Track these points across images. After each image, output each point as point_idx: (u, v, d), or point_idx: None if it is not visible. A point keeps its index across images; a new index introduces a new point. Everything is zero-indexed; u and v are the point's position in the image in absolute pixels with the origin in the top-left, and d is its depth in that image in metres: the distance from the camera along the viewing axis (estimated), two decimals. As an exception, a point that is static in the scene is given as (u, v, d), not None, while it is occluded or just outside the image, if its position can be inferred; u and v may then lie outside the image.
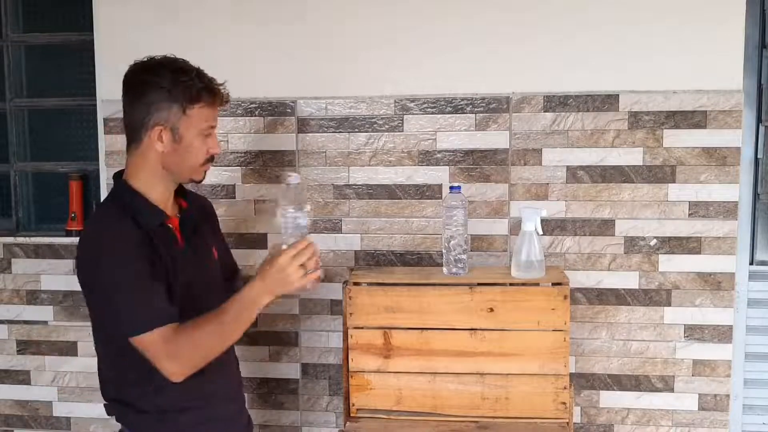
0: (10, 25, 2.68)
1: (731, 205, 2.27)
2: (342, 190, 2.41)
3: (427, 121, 2.35)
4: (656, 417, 2.35)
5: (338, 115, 2.39)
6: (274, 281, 1.61)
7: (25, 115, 2.73)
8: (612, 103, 2.28)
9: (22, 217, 2.73)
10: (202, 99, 1.68)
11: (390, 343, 2.08)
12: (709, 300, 2.30)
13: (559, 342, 2.03)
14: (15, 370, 2.65)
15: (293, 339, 2.48)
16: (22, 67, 2.72)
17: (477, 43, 2.30)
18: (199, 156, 1.71)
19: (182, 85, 1.67)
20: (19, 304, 2.62)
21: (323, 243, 2.42)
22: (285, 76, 2.39)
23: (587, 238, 2.33)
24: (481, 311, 2.05)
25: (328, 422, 2.49)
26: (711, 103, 2.24)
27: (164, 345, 1.60)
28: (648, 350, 2.33)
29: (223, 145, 2.42)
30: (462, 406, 2.07)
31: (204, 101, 1.68)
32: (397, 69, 2.35)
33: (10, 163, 2.72)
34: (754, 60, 2.33)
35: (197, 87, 1.68)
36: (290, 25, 2.37)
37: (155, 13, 2.41)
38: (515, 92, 2.31)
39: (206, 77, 1.71)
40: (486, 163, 2.34)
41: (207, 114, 1.70)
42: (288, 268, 1.60)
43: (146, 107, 1.66)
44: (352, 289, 2.10)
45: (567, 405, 2.04)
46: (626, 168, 2.29)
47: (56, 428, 2.64)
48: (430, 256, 2.39)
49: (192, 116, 1.68)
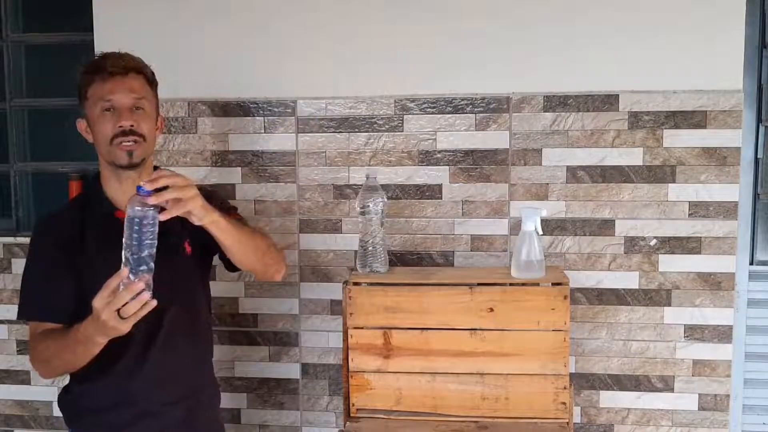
0: (10, 25, 2.68)
1: (731, 205, 2.27)
2: (342, 190, 2.41)
3: (427, 121, 2.35)
4: (656, 417, 2.35)
5: (338, 115, 2.39)
6: (96, 326, 1.45)
7: (25, 115, 2.73)
8: (612, 103, 2.28)
9: (22, 217, 2.73)
10: (92, 77, 1.68)
11: (390, 343, 2.09)
12: (709, 300, 2.30)
13: (559, 342, 2.03)
14: (15, 370, 2.65)
15: (293, 339, 2.48)
16: (22, 67, 2.71)
17: (477, 43, 2.30)
18: (104, 133, 1.67)
19: (85, 67, 1.71)
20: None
21: (323, 243, 2.42)
22: (285, 76, 2.39)
23: (587, 238, 2.33)
24: (481, 311, 2.05)
25: (328, 422, 2.49)
26: (711, 103, 2.24)
27: (31, 339, 1.69)
28: (648, 350, 2.33)
29: (223, 145, 2.42)
30: (462, 406, 2.07)
31: (95, 78, 1.67)
32: (397, 69, 2.35)
33: (10, 163, 2.72)
34: (754, 60, 2.33)
35: (87, 69, 1.70)
36: (290, 25, 2.37)
37: (155, 13, 2.41)
38: (515, 92, 2.31)
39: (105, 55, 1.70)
40: (486, 163, 2.34)
41: (101, 89, 1.67)
42: (102, 314, 1.41)
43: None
44: (352, 289, 2.10)
45: (567, 405, 2.04)
46: (626, 168, 2.29)
47: (56, 428, 2.64)
48: (430, 256, 2.39)
49: (89, 97, 1.69)
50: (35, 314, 1.70)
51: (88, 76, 1.70)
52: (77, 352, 1.56)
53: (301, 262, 2.43)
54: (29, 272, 1.74)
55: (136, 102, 1.69)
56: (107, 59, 1.69)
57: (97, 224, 1.71)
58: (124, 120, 1.66)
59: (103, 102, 1.67)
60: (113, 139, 1.67)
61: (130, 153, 1.68)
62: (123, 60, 1.70)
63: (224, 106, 2.42)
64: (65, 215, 1.77)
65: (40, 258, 1.73)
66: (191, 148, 2.44)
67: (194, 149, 2.44)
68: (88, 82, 1.69)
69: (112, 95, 1.67)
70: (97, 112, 1.68)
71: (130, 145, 1.67)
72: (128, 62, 1.71)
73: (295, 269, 2.44)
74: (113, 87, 1.67)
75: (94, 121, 1.69)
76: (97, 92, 1.68)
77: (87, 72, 1.71)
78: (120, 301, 1.40)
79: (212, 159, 2.44)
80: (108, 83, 1.67)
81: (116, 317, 1.41)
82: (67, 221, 1.73)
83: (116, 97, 1.67)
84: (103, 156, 1.73)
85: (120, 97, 1.67)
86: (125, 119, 1.66)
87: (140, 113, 1.70)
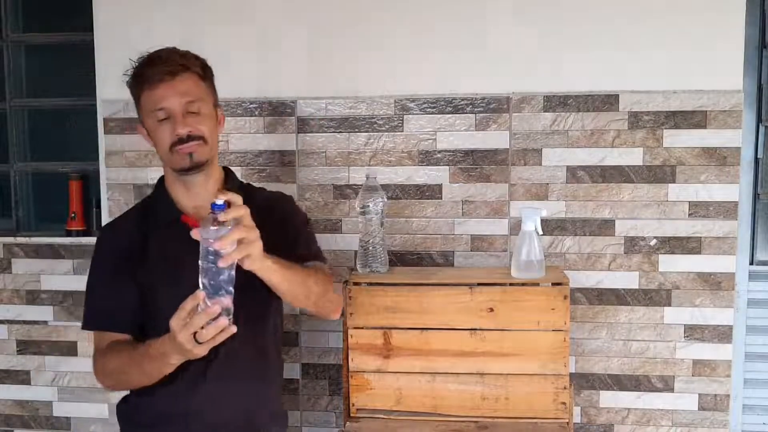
0: (10, 25, 2.68)
1: (731, 205, 2.27)
2: (342, 190, 2.41)
3: (427, 121, 2.35)
4: (656, 417, 2.35)
5: (338, 115, 2.39)
6: (172, 346, 1.40)
7: (25, 115, 2.73)
8: (612, 103, 2.28)
9: (22, 217, 2.73)
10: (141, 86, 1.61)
11: (390, 343, 2.08)
12: (709, 300, 2.30)
13: (559, 342, 2.03)
14: (15, 370, 2.65)
15: (293, 339, 2.48)
16: (22, 67, 2.72)
17: (477, 43, 2.30)
18: (163, 142, 1.61)
19: (132, 75, 1.63)
20: (19, 304, 2.62)
21: (323, 243, 2.42)
22: (285, 76, 2.39)
23: (587, 238, 2.33)
24: (481, 311, 2.05)
25: (328, 422, 2.49)
26: (711, 103, 2.24)
27: (96, 351, 1.64)
28: (648, 350, 2.33)
29: (224, 146, 2.42)
30: (462, 406, 2.07)
31: (144, 87, 1.61)
32: (397, 69, 2.35)
33: (10, 163, 2.72)
34: (754, 60, 2.33)
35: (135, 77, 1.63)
36: (290, 25, 2.37)
37: (155, 13, 2.41)
38: (515, 92, 2.31)
39: (150, 59, 1.61)
40: (486, 163, 2.34)
41: (151, 98, 1.60)
42: (179, 335, 1.36)
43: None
44: (352, 289, 2.10)
45: (567, 405, 2.04)
46: (626, 168, 2.29)
47: (56, 428, 2.64)
48: (430, 256, 2.39)
49: (143, 106, 1.63)
50: (101, 324, 1.65)
51: (137, 84, 1.63)
52: (148, 369, 1.51)
53: (301, 262, 2.43)
54: (92, 282, 1.69)
55: (188, 106, 1.61)
56: (153, 65, 1.61)
57: (163, 229, 1.66)
58: (179, 128, 1.59)
59: (157, 112, 1.61)
60: (172, 146, 1.61)
61: (191, 154, 1.61)
62: (170, 62, 1.61)
63: (224, 106, 2.41)
64: (128, 222, 1.72)
65: (102, 267, 1.68)
66: (191, 148, 2.44)
67: (194, 149, 2.44)
68: (138, 91, 1.63)
69: (164, 103, 1.60)
70: (152, 122, 1.62)
71: (191, 146, 1.61)
72: (174, 63, 1.61)
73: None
74: (163, 94, 1.59)
75: (152, 130, 1.64)
76: (149, 102, 1.61)
77: (135, 80, 1.64)
78: (196, 324, 1.34)
79: (212, 159, 2.44)
80: (157, 90, 1.59)
81: (192, 340, 1.36)
82: (130, 228, 1.69)
83: (168, 105, 1.60)
84: (165, 163, 1.68)
85: (172, 104, 1.60)
86: (181, 127, 1.59)
87: (195, 116, 1.62)
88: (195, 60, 1.67)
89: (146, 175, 2.45)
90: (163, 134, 1.60)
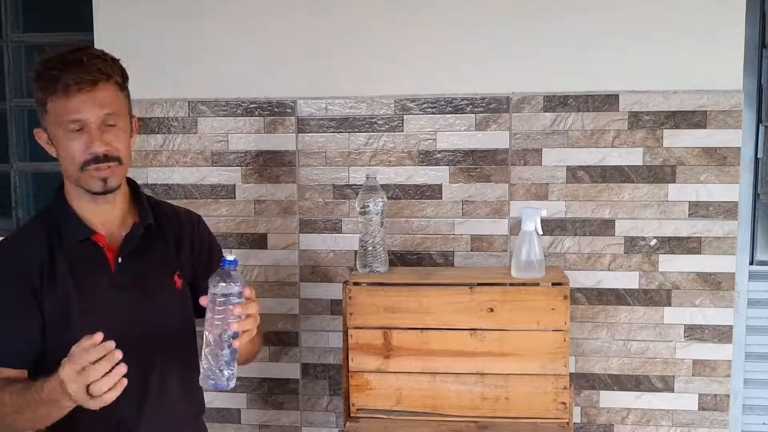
0: (10, 25, 2.68)
1: (731, 205, 2.27)
2: (342, 190, 2.41)
3: (427, 121, 2.35)
4: (656, 417, 2.35)
5: (338, 115, 2.39)
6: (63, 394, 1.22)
7: (25, 115, 2.73)
8: (612, 103, 2.28)
9: (22, 217, 2.73)
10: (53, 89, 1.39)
11: (390, 343, 2.08)
12: (709, 300, 2.30)
13: (559, 342, 2.03)
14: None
15: (293, 339, 2.48)
16: (22, 67, 2.71)
17: (477, 43, 2.30)
18: (73, 158, 1.42)
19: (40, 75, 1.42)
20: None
21: (323, 243, 2.42)
22: (285, 76, 2.39)
23: (587, 238, 2.33)
24: (481, 311, 2.05)
25: (328, 422, 2.49)
26: (711, 103, 2.24)
27: None
28: (648, 350, 2.33)
29: (223, 145, 2.42)
30: (462, 406, 2.07)
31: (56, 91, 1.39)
32: (397, 69, 2.35)
33: (10, 163, 2.72)
34: (754, 60, 2.33)
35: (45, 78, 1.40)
36: (290, 25, 2.37)
37: (155, 13, 2.41)
38: (515, 92, 2.31)
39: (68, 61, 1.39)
40: (486, 163, 2.34)
41: (64, 106, 1.39)
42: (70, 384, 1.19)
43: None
44: (352, 289, 2.10)
45: (567, 405, 2.04)
46: (626, 168, 2.29)
47: (56, 428, 2.64)
48: (430, 256, 2.39)
49: (50, 111, 1.42)
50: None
51: (47, 87, 1.41)
52: (39, 413, 1.31)
53: (301, 262, 2.44)
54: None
55: (107, 118, 1.43)
56: (70, 70, 1.39)
57: (72, 249, 1.48)
58: (96, 145, 1.41)
59: (70, 123, 1.41)
60: (84, 165, 1.43)
61: (105, 180, 1.45)
62: (91, 68, 1.41)
63: (224, 106, 2.42)
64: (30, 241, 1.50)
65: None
66: (191, 148, 2.44)
67: (194, 149, 2.44)
68: (47, 94, 1.41)
69: (79, 114, 1.40)
70: (61, 132, 1.42)
71: (106, 171, 1.44)
72: (96, 71, 1.41)
73: (295, 269, 2.44)
74: (80, 105, 1.40)
75: (59, 140, 1.43)
76: (61, 110, 1.40)
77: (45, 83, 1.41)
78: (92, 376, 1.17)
79: (212, 159, 2.44)
80: (73, 100, 1.39)
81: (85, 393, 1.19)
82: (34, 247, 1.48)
83: (84, 117, 1.41)
84: (70, 178, 1.49)
85: (89, 116, 1.41)
86: (98, 144, 1.41)
87: (113, 130, 1.44)
88: (115, 66, 1.47)
89: (146, 175, 2.45)
90: (74, 149, 1.42)
